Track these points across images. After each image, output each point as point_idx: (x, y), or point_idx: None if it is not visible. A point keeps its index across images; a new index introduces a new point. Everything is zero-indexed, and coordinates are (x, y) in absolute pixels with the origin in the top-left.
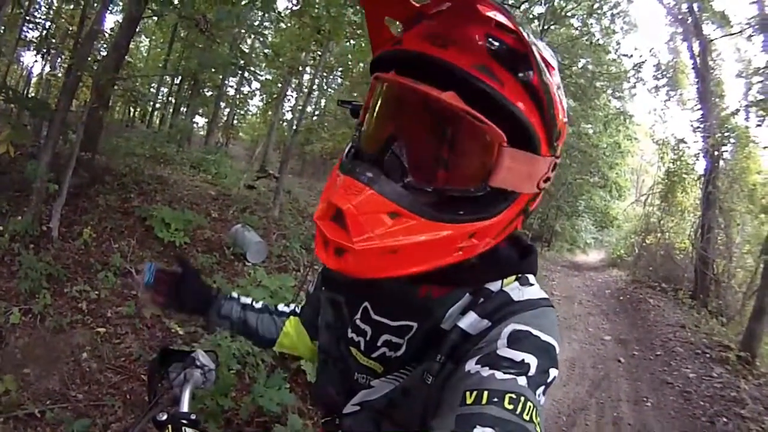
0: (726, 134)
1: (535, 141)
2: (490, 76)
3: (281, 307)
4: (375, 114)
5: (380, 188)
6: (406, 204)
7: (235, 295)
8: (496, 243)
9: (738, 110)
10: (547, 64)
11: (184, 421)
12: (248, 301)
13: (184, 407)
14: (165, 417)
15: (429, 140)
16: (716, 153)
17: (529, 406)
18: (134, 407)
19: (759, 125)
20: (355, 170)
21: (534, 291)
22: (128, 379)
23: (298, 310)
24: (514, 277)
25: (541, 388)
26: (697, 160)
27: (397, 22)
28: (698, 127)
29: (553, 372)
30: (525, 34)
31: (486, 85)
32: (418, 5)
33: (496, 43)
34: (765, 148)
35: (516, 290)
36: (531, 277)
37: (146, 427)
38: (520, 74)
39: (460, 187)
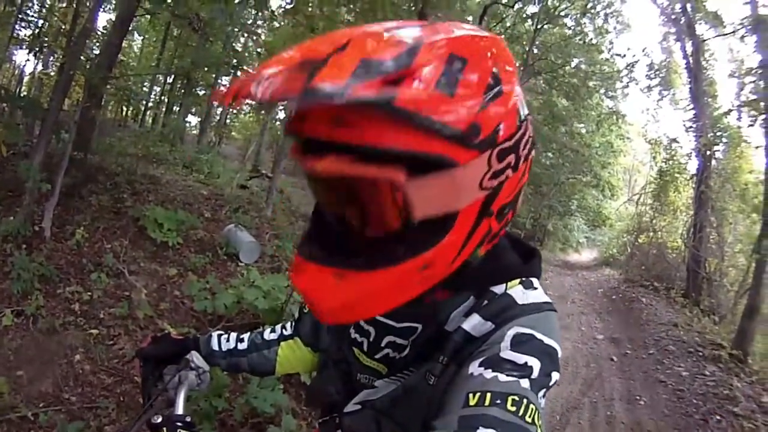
0: (718, 134)
1: (438, 159)
2: (344, 125)
3: (267, 334)
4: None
5: (316, 260)
6: (341, 264)
7: (215, 345)
8: (463, 259)
9: (730, 110)
10: (405, 72)
11: (179, 424)
12: (231, 345)
13: (179, 409)
14: (160, 419)
15: (342, 204)
16: (708, 153)
17: (532, 409)
18: (128, 409)
19: (751, 125)
20: (300, 249)
21: (537, 294)
22: (122, 380)
23: (287, 331)
24: (518, 279)
25: (543, 391)
26: (690, 159)
27: None
28: (691, 127)
29: (555, 375)
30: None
31: (344, 140)
32: None
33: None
34: (757, 147)
35: (520, 293)
36: (535, 281)
37: (141, 430)
38: (375, 104)
39: (388, 231)
